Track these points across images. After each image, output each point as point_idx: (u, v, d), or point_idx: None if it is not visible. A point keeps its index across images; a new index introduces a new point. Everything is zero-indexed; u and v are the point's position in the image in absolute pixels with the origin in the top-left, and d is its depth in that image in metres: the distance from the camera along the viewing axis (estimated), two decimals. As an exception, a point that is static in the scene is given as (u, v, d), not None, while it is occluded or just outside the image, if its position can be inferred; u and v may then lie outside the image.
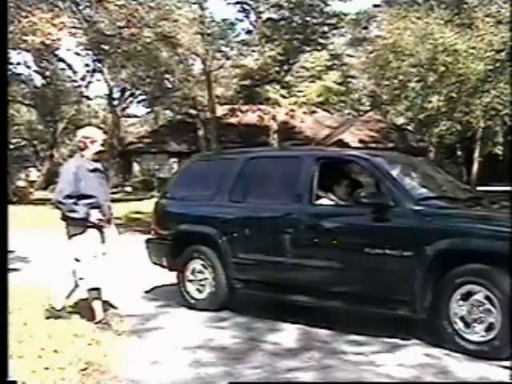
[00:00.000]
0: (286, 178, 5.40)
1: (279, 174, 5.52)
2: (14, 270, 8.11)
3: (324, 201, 5.21)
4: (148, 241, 6.46)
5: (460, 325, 4.20)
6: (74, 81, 37.19)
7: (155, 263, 6.35)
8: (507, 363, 4.11)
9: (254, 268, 5.39)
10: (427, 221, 4.37)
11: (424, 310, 4.34)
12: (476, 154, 29.91)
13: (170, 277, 6.30)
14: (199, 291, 5.77)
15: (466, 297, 4.17)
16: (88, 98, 38.49)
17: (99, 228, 4.98)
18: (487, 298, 4.06)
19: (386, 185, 4.68)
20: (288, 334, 4.99)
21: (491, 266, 4.04)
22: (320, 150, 5.68)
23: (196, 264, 5.78)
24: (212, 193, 5.78)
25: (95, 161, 5.16)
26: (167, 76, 30.34)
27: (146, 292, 6.81)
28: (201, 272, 5.75)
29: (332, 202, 5.25)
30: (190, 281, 5.83)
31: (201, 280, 5.76)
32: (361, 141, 30.10)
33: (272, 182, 5.58)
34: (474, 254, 4.13)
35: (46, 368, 3.91)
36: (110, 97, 36.90)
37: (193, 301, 5.78)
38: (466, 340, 4.16)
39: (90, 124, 39.55)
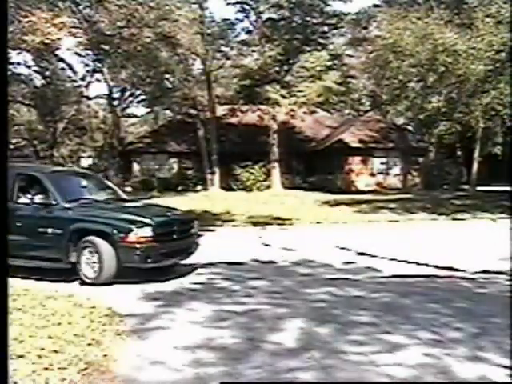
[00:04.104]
0: None
1: None
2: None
3: (22, 200, 7.85)
4: None
5: (85, 268, 7.36)
6: (74, 81, 37.22)
7: None
8: (507, 363, 4.12)
9: None
10: (70, 213, 7.58)
11: (70, 263, 7.49)
12: (476, 154, 29.94)
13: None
14: None
15: (88, 253, 7.37)
16: (88, 97, 38.48)
17: None
18: (96, 253, 7.26)
19: (50, 191, 7.72)
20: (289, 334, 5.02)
21: (97, 237, 7.29)
22: (19, 168, 8.44)
23: None
24: None
25: None
26: (167, 76, 30.31)
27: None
28: None
29: (28, 201, 7.80)
30: None
31: None
32: (361, 141, 30.13)
33: None
34: (89, 231, 7.40)
35: (46, 368, 3.91)
36: (109, 97, 36.86)
37: None
38: (88, 277, 7.32)
39: (89, 124, 39.68)
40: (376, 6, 31.41)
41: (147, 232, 7.29)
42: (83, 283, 7.33)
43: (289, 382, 3.93)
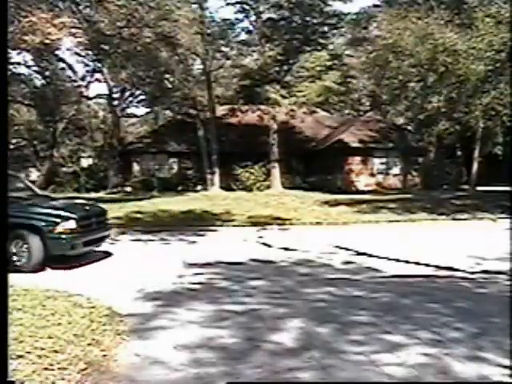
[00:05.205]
0: None
1: None
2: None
3: None
4: None
5: (15, 257, 8.16)
6: (74, 81, 37.18)
7: None
8: (507, 363, 4.12)
9: None
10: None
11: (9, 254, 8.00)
12: (476, 154, 29.96)
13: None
14: None
15: (17, 245, 8.20)
16: (88, 97, 38.46)
17: None
18: (25, 244, 8.20)
19: None
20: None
21: (26, 230, 8.20)
22: None
23: None
24: None
25: None
26: (167, 76, 30.28)
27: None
28: None
29: None
30: None
31: None
32: (361, 141, 30.13)
33: None
34: (18, 225, 7.99)
35: (46, 368, 3.91)
36: (110, 97, 36.82)
37: None
38: (17, 266, 8.08)
39: (89, 124, 39.70)
40: (376, 6, 31.36)
41: (72, 224, 8.43)
42: (13, 271, 7.86)
43: (289, 382, 3.93)
